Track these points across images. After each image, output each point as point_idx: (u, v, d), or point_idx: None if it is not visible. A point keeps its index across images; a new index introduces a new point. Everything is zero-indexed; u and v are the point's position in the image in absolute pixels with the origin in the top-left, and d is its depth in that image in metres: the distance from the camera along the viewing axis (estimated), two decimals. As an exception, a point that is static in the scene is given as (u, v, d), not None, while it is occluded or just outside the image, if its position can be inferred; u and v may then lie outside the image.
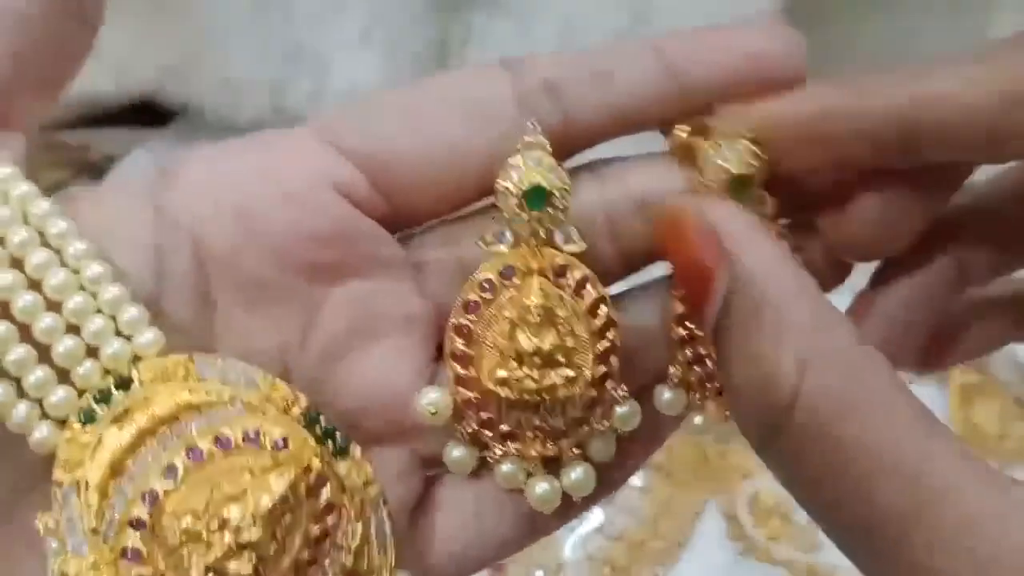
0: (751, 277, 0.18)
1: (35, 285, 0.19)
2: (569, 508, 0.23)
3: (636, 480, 0.53)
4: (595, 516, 0.52)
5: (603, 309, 0.22)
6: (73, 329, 0.19)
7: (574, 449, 0.22)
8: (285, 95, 0.70)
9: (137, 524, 0.18)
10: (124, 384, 0.19)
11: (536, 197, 0.21)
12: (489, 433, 0.22)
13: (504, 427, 0.22)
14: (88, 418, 0.19)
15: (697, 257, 0.19)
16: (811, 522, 0.18)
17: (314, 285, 0.21)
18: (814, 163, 0.21)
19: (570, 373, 0.21)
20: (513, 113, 0.21)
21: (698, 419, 0.23)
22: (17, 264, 0.19)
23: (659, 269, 0.23)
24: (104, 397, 0.19)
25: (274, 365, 0.21)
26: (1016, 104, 0.19)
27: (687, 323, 0.22)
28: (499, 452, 0.22)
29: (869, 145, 0.20)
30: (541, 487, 0.22)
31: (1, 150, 0.20)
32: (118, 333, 0.20)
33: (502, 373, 0.21)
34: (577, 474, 0.22)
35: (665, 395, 0.23)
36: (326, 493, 0.19)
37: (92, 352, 0.19)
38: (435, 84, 0.22)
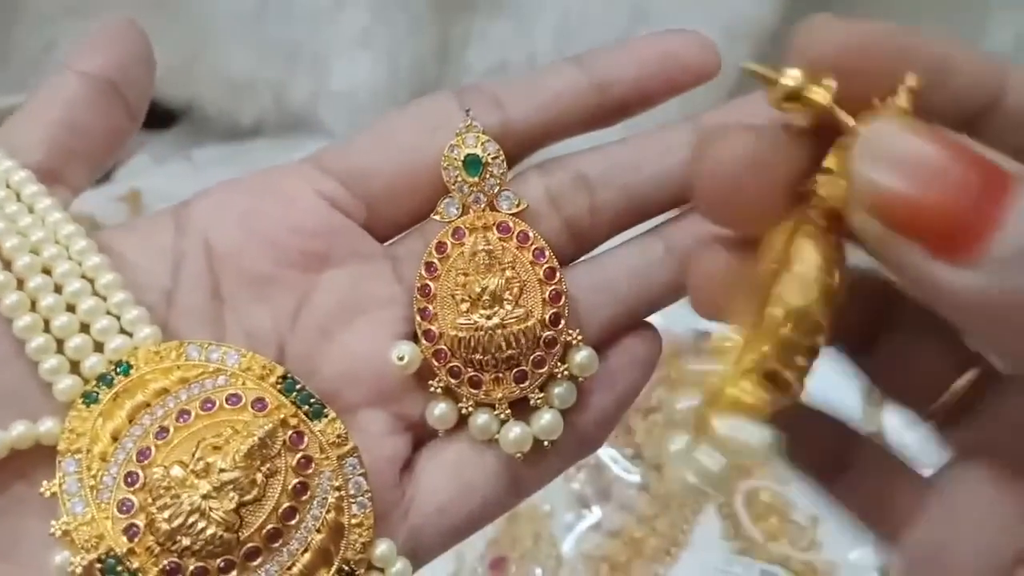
0: None
1: (58, 289, 0.22)
2: (544, 460, 0.24)
3: (634, 477, 0.54)
4: (593, 514, 0.52)
5: (548, 254, 0.24)
6: (85, 327, 0.22)
7: (539, 399, 0.24)
8: (286, 96, 0.70)
9: (131, 479, 0.21)
10: (124, 369, 0.22)
11: (473, 164, 0.24)
12: (455, 381, 0.24)
13: (470, 371, 0.24)
14: (91, 399, 0.21)
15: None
16: (809, 520, 0.18)
17: (304, 274, 0.24)
18: None
19: (520, 311, 0.24)
20: (458, 120, 0.25)
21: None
22: (46, 271, 0.22)
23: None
24: (106, 381, 0.22)
25: (271, 344, 0.24)
26: None
27: None
28: (469, 400, 0.24)
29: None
30: (512, 431, 0.24)
31: (55, 191, 0.24)
32: (122, 331, 0.22)
33: (459, 320, 0.24)
34: (545, 419, 0.24)
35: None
36: (304, 447, 0.21)
37: (99, 347, 0.22)
38: (395, 112, 0.26)
